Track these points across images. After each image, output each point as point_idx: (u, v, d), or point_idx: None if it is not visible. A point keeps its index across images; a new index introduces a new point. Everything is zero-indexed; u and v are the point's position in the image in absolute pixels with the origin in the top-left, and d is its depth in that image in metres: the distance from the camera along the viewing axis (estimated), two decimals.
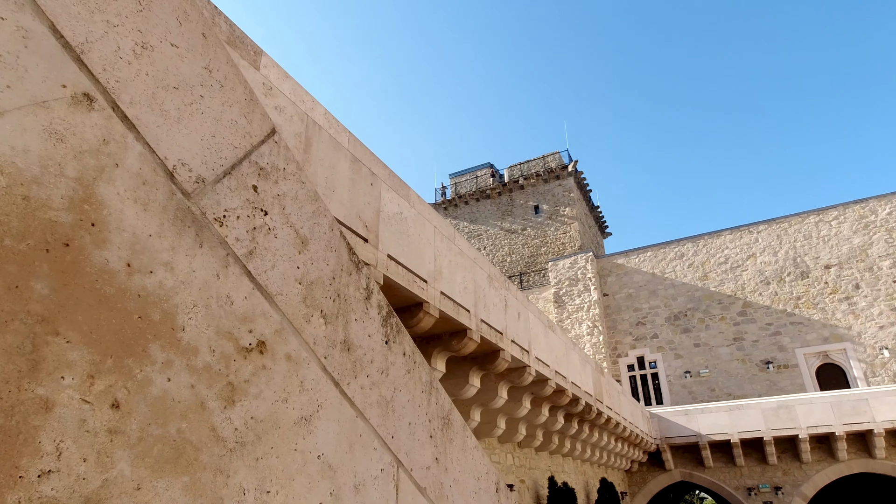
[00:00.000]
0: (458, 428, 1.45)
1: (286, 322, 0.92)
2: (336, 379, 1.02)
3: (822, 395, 18.36)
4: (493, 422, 9.25)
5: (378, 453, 1.10)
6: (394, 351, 1.24)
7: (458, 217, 37.51)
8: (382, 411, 1.15)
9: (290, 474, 0.86)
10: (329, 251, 1.07)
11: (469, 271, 6.94)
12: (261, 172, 0.92)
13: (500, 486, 1.65)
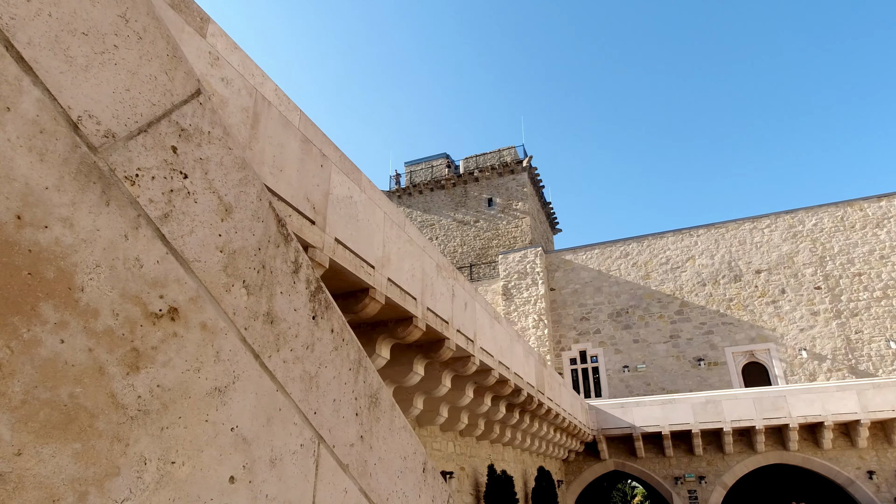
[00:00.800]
0: (386, 407, 1.45)
1: (203, 290, 0.89)
2: (256, 351, 1.00)
3: (746, 391, 19.51)
4: (435, 410, 9.33)
5: (298, 428, 1.09)
6: (321, 327, 1.22)
7: (412, 206, 37.40)
8: (305, 386, 1.13)
9: (198, 445, 0.84)
10: (255, 221, 1.04)
11: (418, 259, 6.94)
12: (182, 133, 0.88)
13: (428, 467, 1.66)
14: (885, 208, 24.02)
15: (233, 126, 3.68)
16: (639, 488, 47.29)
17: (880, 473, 18.11)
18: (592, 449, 20.78)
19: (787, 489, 25.28)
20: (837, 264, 23.71)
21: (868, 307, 22.68)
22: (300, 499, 1.06)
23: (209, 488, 0.84)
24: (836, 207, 24.75)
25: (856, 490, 18.24)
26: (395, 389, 8.11)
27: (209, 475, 0.85)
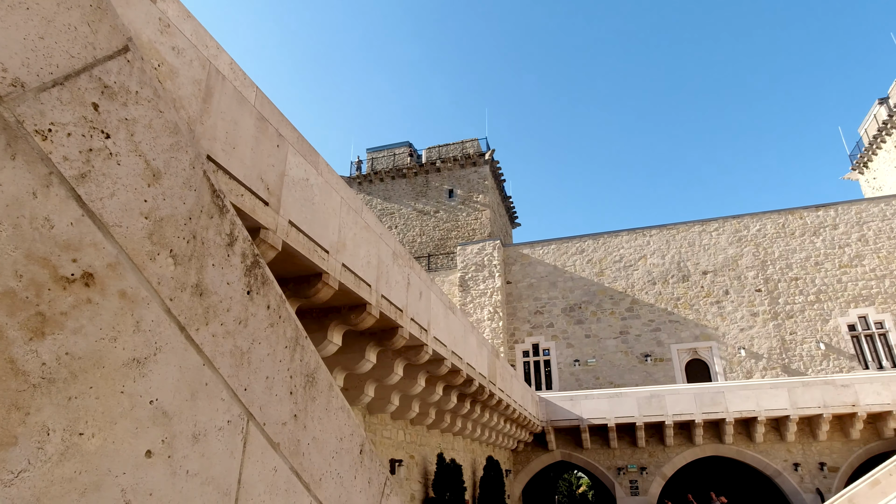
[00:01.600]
0: (324, 387, 1.43)
1: (124, 257, 0.84)
2: (182, 323, 0.96)
3: (688, 387, 20.35)
4: (387, 398, 9.32)
5: (226, 404, 1.06)
6: (256, 302, 1.19)
7: (373, 193, 37.04)
8: (236, 362, 1.10)
9: (112, 417, 0.80)
10: (187, 189, 1.00)
11: (374, 246, 6.88)
12: (105, 90, 0.83)
13: (365, 449, 1.65)
14: (822, 218, 25.43)
15: (183, 98, 3.54)
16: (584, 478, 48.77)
17: (804, 465, 19.29)
18: (541, 440, 21.25)
19: (720, 480, 26.59)
20: (777, 269, 24.97)
21: (802, 310, 24.01)
22: (225, 475, 1.03)
23: (122, 462, 0.81)
24: (779, 215, 26.02)
25: (782, 481, 19.37)
26: (347, 376, 8.05)
27: (123, 448, 0.82)
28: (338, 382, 7.71)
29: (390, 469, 10.09)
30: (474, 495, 15.58)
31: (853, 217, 25.09)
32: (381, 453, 9.90)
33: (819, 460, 19.22)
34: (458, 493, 11.98)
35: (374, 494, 1.68)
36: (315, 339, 6.76)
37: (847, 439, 19.23)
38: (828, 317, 23.68)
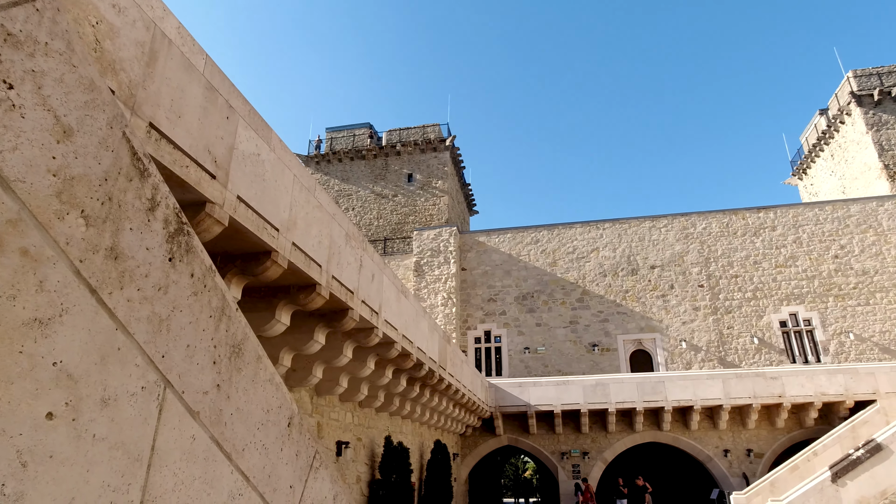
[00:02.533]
0: (251, 359, 1.43)
1: (27, 213, 0.82)
2: (93, 286, 0.94)
3: (632, 376, 21.16)
4: (335, 380, 9.28)
5: (141, 370, 1.04)
6: (178, 270, 1.17)
7: (331, 174, 36.42)
8: (154, 328, 1.08)
9: (9, 377, 0.78)
10: (103, 149, 0.97)
11: (326, 226, 6.80)
12: (8, 38, 0.79)
13: (294, 422, 1.66)
14: (762, 219, 26.75)
15: (124, 60, 3.38)
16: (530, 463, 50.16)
17: (734, 452, 20.46)
18: (489, 425, 21.68)
19: (657, 464, 27.88)
20: (719, 266, 26.16)
21: (740, 306, 25.29)
22: (137, 441, 1.02)
23: (18, 423, 0.79)
24: (724, 214, 27.20)
25: (713, 466, 20.49)
26: (295, 357, 7.96)
27: (20, 409, 0.80)
28: (285, 363, 7.62)
29: (337, 451, 10.09)
30: (421, 478, 15.78)
31: (790, 220, 26.50)
32: (328, 435, 9.88)
33: (747, 447, 20.43)
34: (405, 475, 12.10)
35: (301, 467, 1.69)
36: (263, 318, 6.66)
37: (773, 428, 20.50)
38: (762, 313, 25.02)
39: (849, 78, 33.64)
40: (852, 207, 26.32)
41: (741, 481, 19.73)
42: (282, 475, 1.55)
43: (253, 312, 6.58)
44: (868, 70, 33.58)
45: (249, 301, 6.56)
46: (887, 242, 25.28)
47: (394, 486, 11.59)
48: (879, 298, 24.40)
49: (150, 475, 1.04)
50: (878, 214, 25.89)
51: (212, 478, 1.23)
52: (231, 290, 5.57)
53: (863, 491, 15.36)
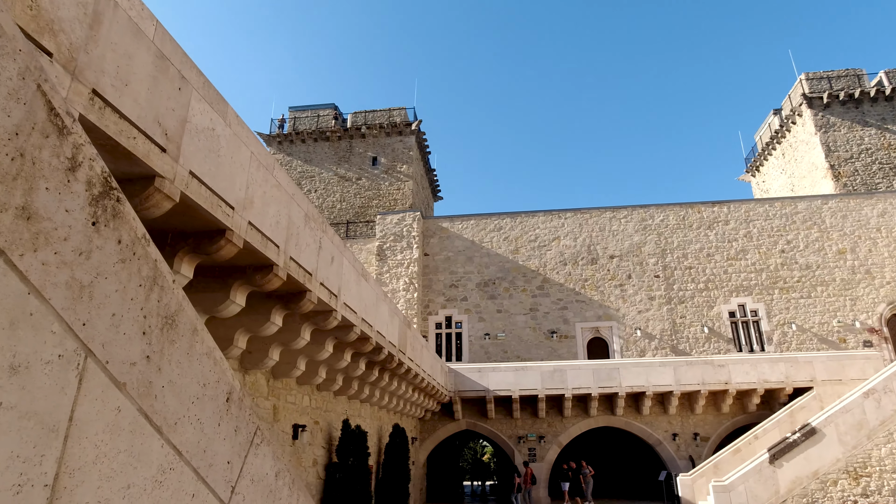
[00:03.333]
0: (186, 331, 1.38)
1: None
2: (1, 246, 0.88)
3: (588, 363, 21.71)
4: (292, 362, 9.16)
5: (58, 338, 0.99)
6: (103, 235, 1.11)
7: (293, 154, 35.64)
8: (74, 295, 1.03)
9: None
10: (14, 102, 0.91)
11: (285, 206, 6.66)
12: None
13: (234, 398, 1.62)
14: (717, 213, 27.70)
15: (63, 20, 3.18)
16: (488, 447, 51.02)
17: (682, 435, 21.33)
18: (448, 409, 21.89)
19: (609, 447, 28.81)
20: (675, 257, 27.00)
21: (692, 297, 26.21)
22: (53, 411, 0.97)
23: None
24: (680, 207, 28.02)
25: (662, 449, 21.32)
26: (251, 339, 7.82)
27: None
28: (240, 345, 7.47)
29: (293, 434, 10.00)
30: (378, 461, 15.84)
31: (742, 215, 27.53)
32: (284, 418, 9.77)
33: (694, 431, 21.32)
34: (362, 458, 12.11)
35: (241, 443, 1.66)
36: (217, 298, 6.49)
37: (718, 413, 21.44)
38: (713, 304, 26.01)
39: (801, 80, 34.97)
40: (799, 205, 27.54)
41: (688, 463, 20.61)
42: (219, 451, 1.52)
43: (206, 292, 6.40)
44: (819, 73, 34.98)
45: (203, 281, 6.38)
46: (829, 239, 26.60)
47: (351, 469, 11.59)
48: (820, 292, 25.71)
49: (67, 447, 0.99)
50: (822, 212, 27.18)
51: (139, 451, 1.19)
52: (183, 269, 5.40)
53: (797, 471, 16.31)
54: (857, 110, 33.07)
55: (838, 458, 16.33)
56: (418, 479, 21.85)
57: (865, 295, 25.43)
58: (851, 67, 35.41)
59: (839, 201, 27.39)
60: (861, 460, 16.30)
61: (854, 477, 16.18)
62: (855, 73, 34.59)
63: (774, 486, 16.17)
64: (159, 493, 1.25)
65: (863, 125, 32.55)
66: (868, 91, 33.03)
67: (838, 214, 27.03)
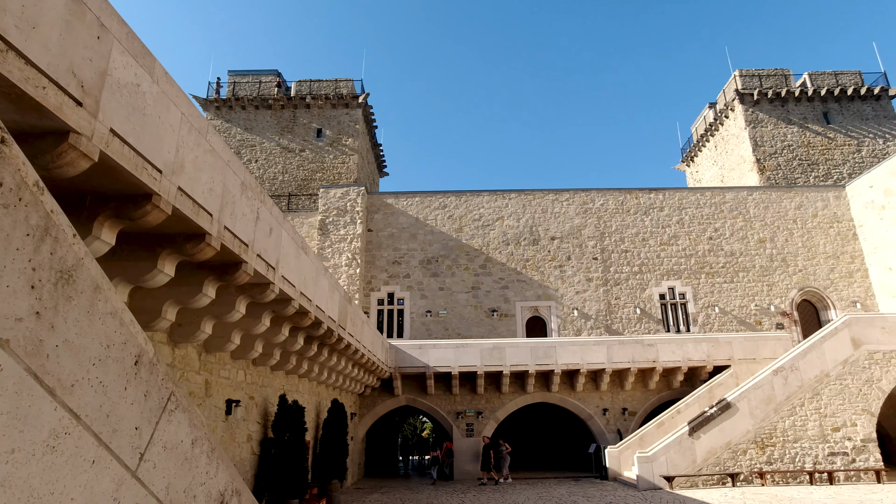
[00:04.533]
0: (86, 289, 1.27)
1: None
2: None
3: (526, 341, 22.30)
4: (227, 336, 8.87)
5: None
6: None
7: (232, 121, 34.07)
8: None
9: None
10: None
11: (220, 173, 6.35)
12: None
13: (143, 361, 1.53)
14: (653, 200, 28.89)
15: None
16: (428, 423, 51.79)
17: (611, 410, 22.42)
18: (388, 385, 21.98)
19: (545, 420, 29.94)
20: (612, 241, 28.02)
21: (627, 279, 27.36)
22: None
23: None
24: (620, 193, 29.01)
25: (593, 424, 22.34)
26: (181, 311, 7.49)
27: None
28: (169, 317, 7.14)
29: (226, 410, 9.74)
30: (316, 436, 15.74)
31: (676, 202, 28.85)
32: (217, 393, 9.49)
33: (623, 406, 22.45)
34: (299, 434, 11.98)
35: (152, 408, 1.57)
36: (143, 267, 6.15)
37: (646, 389, 22.66)
38: (646, 286, 27.27)
39: (735, 76, 36.71)
40: (727, 195, 29.15)
41: (616, 437, 21.73)
42: (124, 416, 1.43)
43: (132, 261, 6.06)
44: (752, 71, 36.83)
45: (128, 248, 6.03)
46: (752, 228, 28.37)
47: (287, 445, 11.45)
48: (741, 277, 27.47)
49: None
50: (747, 203, 28.91)
51: (26, 413, 1.10)
52: (104, 234, 5.07)
53: (712, 442, 17.56)
54: (783, 108, 35.14)
55: (748, 429, 17.69)
56: (357, 453, 21.93)
57: (780, 281, 27.40)
58: (780, 67, 37.53)
59: (762, 193, 29.19)
60: (768, 432, 17.74)
61: (761, 447, 17.60)
62: (783, 73, 36.64)
63: (692, 456, 17.34)
64: (52, 459, 1.16)
65: (787, 123, 34.66)
66: (793, 91, 35.13)
67: (761, 206, 28.83)
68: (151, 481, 1.58)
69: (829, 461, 17.49)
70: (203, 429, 2.01)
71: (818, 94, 35.04)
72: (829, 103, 35.17)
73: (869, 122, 34.62)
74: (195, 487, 1.91)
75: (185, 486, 1.79)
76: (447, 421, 22.11)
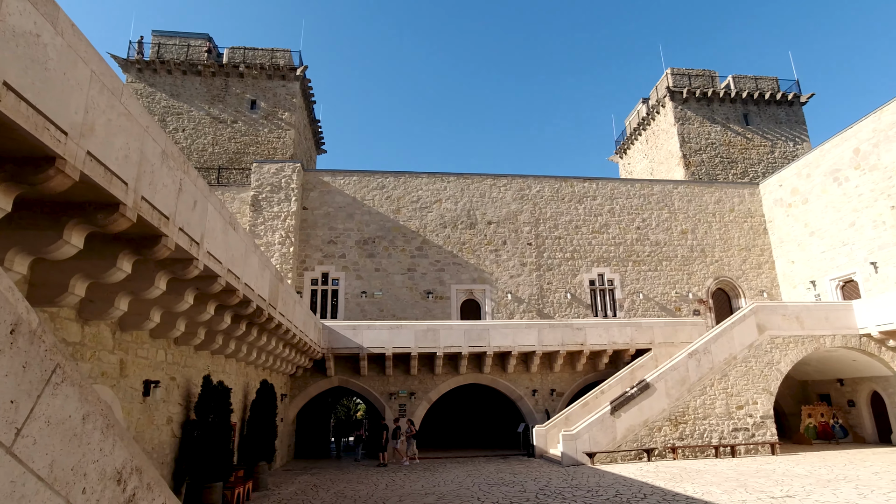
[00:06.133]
0: None
1: None
2: None
3: (460, 323, 22.61)
4: (145, 313, 8.39)
5: None
6: None
7: (157, 85, 31.93)
8: None
9: None
10: None
11: (137, 139, 5.94)
12: None
13: (22, 331, 1.40)
14: (587, 189, 29.88)
15: None
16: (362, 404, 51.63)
17: (540, 391, 23.23)
18: (321, 366, 21.69)
19: (476, 400, 30.60)
20: (547, 227, 28.79)
21: (559, 265, 28.26)
22: None
23: None
24: (556, 180, 29.78)
25: (522, 404, 23.08)
26: (92, 286, 6.99)
27: None
28: (77, 292, 6.66)
29: (144, 391, 9.27)
30: (244, 418, 15.33)
31: (608, 192, 29.98)
32: (134, 374, 9.00)
33: (551, 387, 23.31)
34: (224, 415, 11.60)
35: (32, 381, 1.45)
36: (46, 237, 5.68)
37: (573, 371, 23.62)
38: (577, 272, 28.28)
39: (667, 74, 38.37)
40: (655, 187, 30.60)
41: (544, 416, 22.57)
42: None
43: (32, 230, 5.57)
44: (683, 70, 38.61)
45: (29, 216, 5.55)
46: (676, 220, 30.00)
47: (210, 427, 11.08)
48: (665, 266, 29.05)
49: None
50: (673, 196, 30.49)
51: None
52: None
53: (632, 420, 18.62)
54: (709, 108, 37.15)
55: (664, 408, 18.88)
56: (287, 435, 21.57)
57: (699, 271, 29.22)
58: (708, 68, 39.56)
59: (686, 187, 30.86)
60: (681, 410, 19.01)
61: (675, 424, 18.85)
62: (710, 74, 38.67)
63: (613, 433, 18.32)
64: None
65: (711, 122, 36.71)
66: (718, 92, 37.19)
67: (685, 199, 30.49)
68: (31, 458, 1.47)
69: (732, 436, 19.01)
70: (98, 404, 1.88)
71: (740, 96, 37.28)
72: (749, 106, 37.52)
73: (782, 126, 37.29)
74: (86, 465, 1.79)
75: (73, 464, 1.67)
76: (380, 402, 22.14)
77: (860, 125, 25.06)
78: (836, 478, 13.45)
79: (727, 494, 11.53)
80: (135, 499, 2.19)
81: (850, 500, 10.66)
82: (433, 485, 14.28)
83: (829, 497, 11.01)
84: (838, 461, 16.65)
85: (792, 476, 13.88)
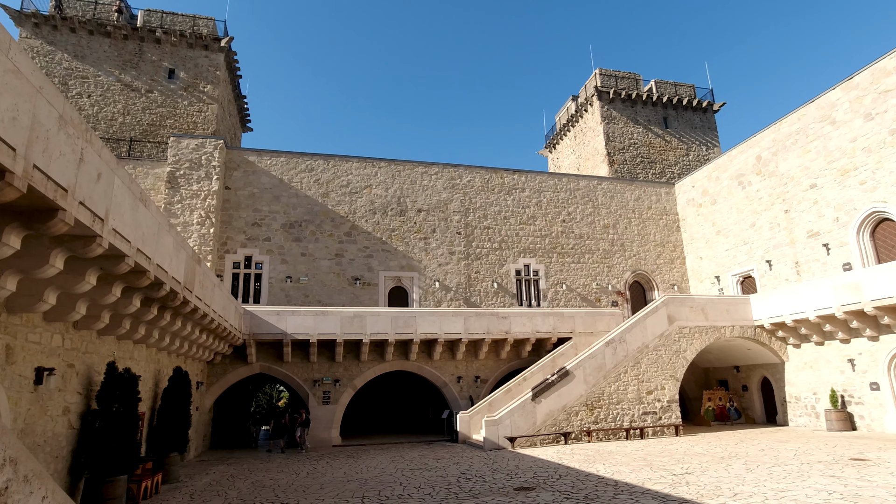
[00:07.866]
0: None
1: None
2: None
3: (388, 310, 22.46)
4: (38, 294, 7.63)
5: None
6: None
7: (57, 44, 29.04)
8: None
9: None
10: None
11: (27, 101, 5.33)
12: None
13: None
14: (516, 181, 30.52)
15: None
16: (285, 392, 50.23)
17: (465, 378, 23.61)
18: (241, 352, 20.85)
19: (402, 386, 30.65)
20: (476, 217, 29.15)
21: (487, 255, 28.74)
22: None
23: None
24: (486, 171, 30.18)
25: (448, 391, 23.36)
26: None
27: None
28: None
29: (36, 378, 8.47)
30: (154, 407, 14.45)
31: (537, 185, 30.78)
32: (23, 360, 8.20)
33: (476, 374, 23.74)
34: (131, 405, 10.84)
35: None
36: None
37: (498, 358, 24.17)
38: (504, 262, 28.88)
39: (596, 74, 39.80)
40: (581, 182, 31.77)
41: (468, 403, 22.97)
42: None
43: None
44: (610, 71, 40.17)
45: None
46: (599, 215, 31.34)
47: (114, 417, 10.32)
48: (587, 259, 30.31)
49: None
50: (597, 191, 31.80)
51: None
52: None
53: (551, 406, 19.36)
54: (632, 109, 38.97)
55: (582, 394, 19.78)
56: (202, 424, 20.60)
57: (618, 264, 30.73)
58: (633, 71, 41.41)
59: (609, 184, 32.28)
60: (597, 396, 19.99)
61: (591, 409, 19.80)
62: (635, 77, 40.53)
63: (533, 418, 18.97)
64: None
65: (634, 123, 38.55)
66: (642, 94, 39.08)
67: (608, 195, 31.89)
68: None
69: (642, 419, 20.25)
70: None
71: (661, 100, 39.37)
72: (668, 110, 39.73)
73: (697, 131, 39.82)
74: None
75: None
76: (303, 389, 21.64)
77: (762, 134, 27.23)
78: (728, 455, 14.69)
79: (634, 473, 12.27)
80: (7, 492, 1.96)
81: (739, 475, 11.68)
82: (356, 471, 14.16)
83: (721, 472, 11.99)
84: (731, 440, 18.19)
85: (692, 455, 15.00)
